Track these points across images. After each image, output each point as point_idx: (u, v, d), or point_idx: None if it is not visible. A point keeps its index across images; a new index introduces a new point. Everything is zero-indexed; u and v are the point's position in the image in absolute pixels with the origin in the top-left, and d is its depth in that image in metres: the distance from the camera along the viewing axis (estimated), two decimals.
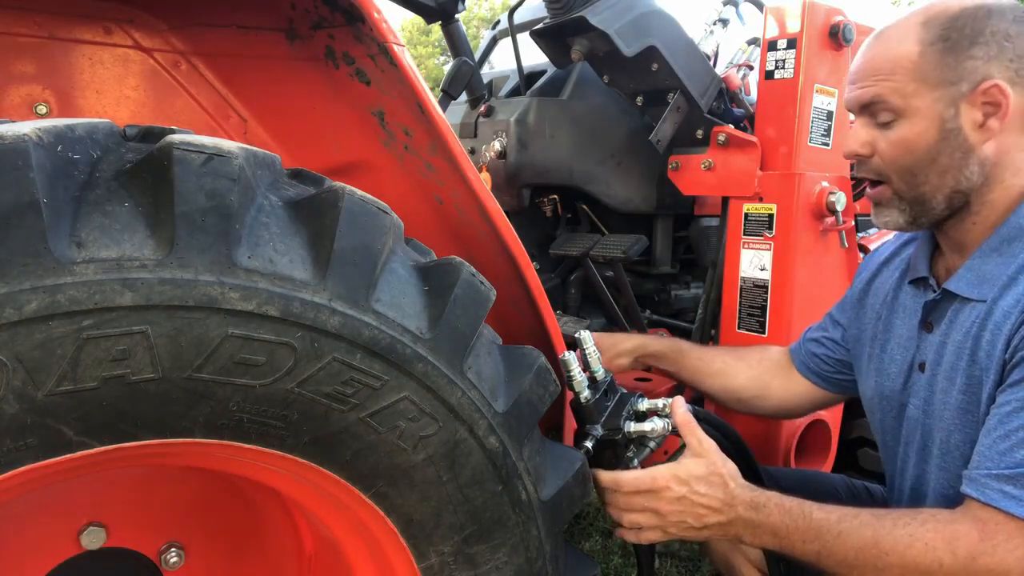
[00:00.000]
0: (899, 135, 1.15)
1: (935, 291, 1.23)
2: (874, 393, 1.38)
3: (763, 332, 1.80)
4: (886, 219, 1.21)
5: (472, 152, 2.13)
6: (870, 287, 1.44)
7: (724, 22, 2.07)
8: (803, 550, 1.11)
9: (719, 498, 1.15)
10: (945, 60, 1.11)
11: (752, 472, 1.46)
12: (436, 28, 2.01)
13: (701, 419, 1.47)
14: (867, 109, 1.17)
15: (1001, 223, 1.15)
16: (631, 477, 1.21)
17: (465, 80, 1.93)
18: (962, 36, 1.10)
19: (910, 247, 1.39)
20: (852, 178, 1.93)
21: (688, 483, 1.17)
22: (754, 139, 1.80)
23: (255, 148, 0.89)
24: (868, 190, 1.24)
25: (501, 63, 2.69)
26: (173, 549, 1.20)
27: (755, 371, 1.60)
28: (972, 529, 1.00)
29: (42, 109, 1.22)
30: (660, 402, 1.40)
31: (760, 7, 2.04)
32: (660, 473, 1.18)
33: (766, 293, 1.80)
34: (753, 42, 2.04)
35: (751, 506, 1.15)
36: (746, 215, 1.82)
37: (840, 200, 1.75)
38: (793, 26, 1.74)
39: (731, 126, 1.88)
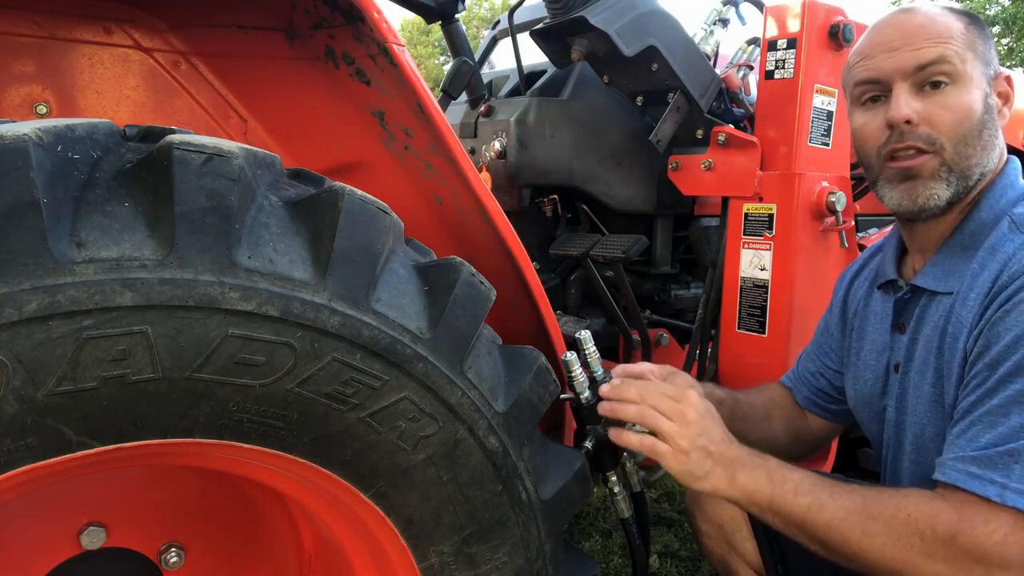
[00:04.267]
0: (958, 99, 1.10)
1: (903, 289, 1.25)
2: (854, 402, 1.40)
3: (763, 332, 1.80)
4: (929, 192, 1.12)
5: (472, 152, 2.13)
6: (846, 303, 1.45)
7: (724, 22, 2.07)
8: (794, 502, 1.09)
9: (726, 431, 1.16)
10: (981, 40, 1.14)
11: None
12: (436, 28, 2.01)
13: None
14: (923, 71, 1.11)
15: (964, 219, 1.16)
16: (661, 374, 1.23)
17: (465, 80, 1.93)
18: (982, 27, 1.15)
19: (878, 257, 1.40)
20: (852, 178, 1.92)
21: (709, 406, 1.17)
22: (754, 139, 1.80)
23: (255, 148, 0.89)
24: (904, 163, 1.14)
25: (501, 63, 2.69)
26: (173, 549, 1.20)
27: (787, 417, 1.56)
28: (951, 508, 1.00)
29: (42, 109, 1.22)
30: None
31: (760, 7, 2.03)
32: (686, 390, 1.18)
33: (766, 293, 1.79)
34: (753, 42, 2.04)
35: (750, 451, 1.16)
36: (746, 215, 1.82)
37: (840, 200, 1.75)
38: (793, 26, 1.74)
39: (731, 126, 1.88)
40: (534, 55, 2.12)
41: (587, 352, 1.34)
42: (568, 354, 1.28)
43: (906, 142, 1.12)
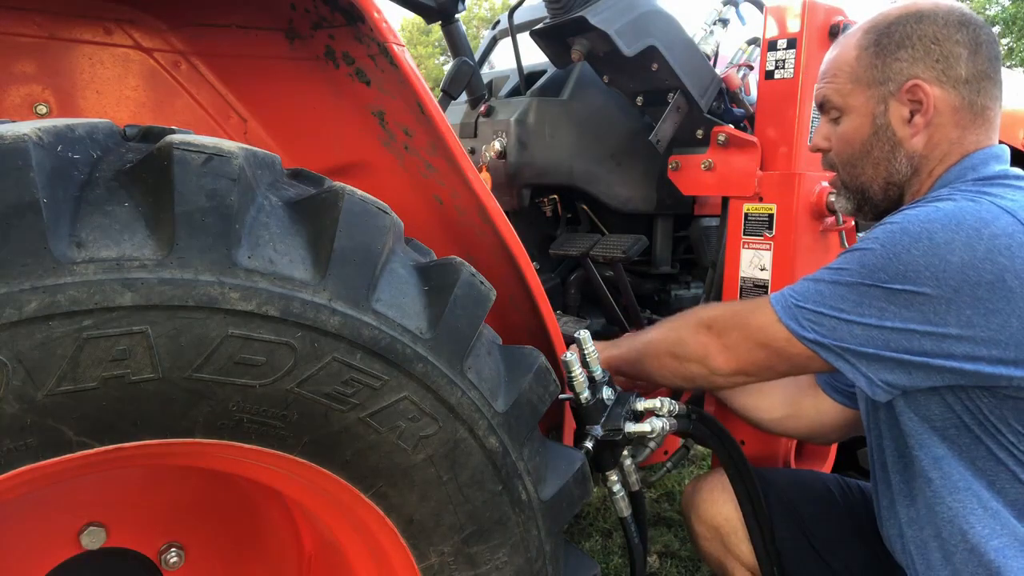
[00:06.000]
0: (842, 129, 1.29)
1: None
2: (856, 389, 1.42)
3: None
4: (840, 204, 1.38)
5: (472, 152, 2.13)
6: None
7: (724, 22, 2.06)
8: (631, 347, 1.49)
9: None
10: (874, 62, 1.23)
11: (744, 475, 1.47)
12: (436, 28, 2.01)
13: (697, 420, 1.47)
14: (822, 108, 1.34)
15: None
16: None
17: (465, 80, 1.93)
18: (891, 40, 1.22)
19: None
20: None
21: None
22: (754, 139, 1.80)
23: (255, 148, 0.89)
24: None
25: (501, 63, 2.69)
26: (173, 549, 1.20)
27: (788, 389, 1.59)
28: (757, 305, 1.27)
29: (42, 109, 1.22)
30: (658, 402, 1.40)
31: (760, 7, 2.03)
32: None
33: (766, 293, 1.79)
34: (753, 42, 2.04)
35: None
36: (746, 215, 1.82)
37: None
38: (793, 26, 1.74)
39: (731, 126, 1.88)
40: (534, 55, 2.12)
41: (587, 352, 1.34)
42: (568, 354, 1.28)
43: (823, 164, 1.39)
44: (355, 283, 0.89)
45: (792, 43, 1.74)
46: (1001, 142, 1.25)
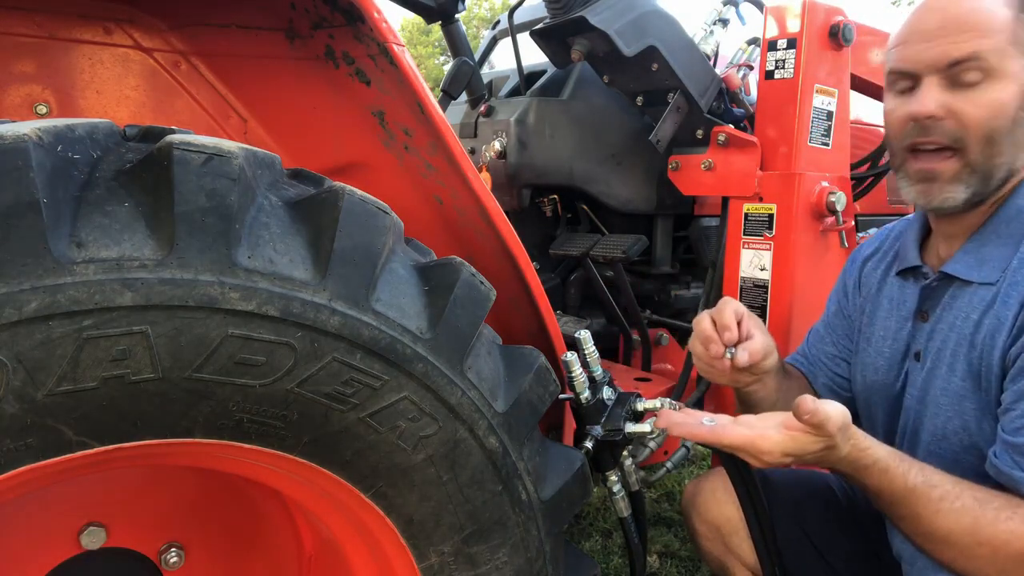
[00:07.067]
0: (990, 97, 1.07)
1: (928, 277, 1.22)
2: (861, 388, 1.37)
3: None
4: (945, 195, 1.12)
5: (472, 152, 2.13)
6: (859, 284, 1.43)
7: (724, 22, 2.06)
8: (890, 512, 1.08)
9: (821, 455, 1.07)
10: None
11: (744, 475, 1.46)
12: (436, 28, 2.01)
13: None
14: (953, 67, 1.09)
15: (1000, 207, 1.14)
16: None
17: (465, 80, 1.93)
18: None
19: (892, 240, 1.38)
20: (852, 178, 1.93)
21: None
22: (754, 139, 1.80)
23: (255, 148, 0.89)
24: (923, 165, 1.13)
25: (501, 63, 2.69)
26: (173, 549, 1.20)
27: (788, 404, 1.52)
28: None
29: (42, 109, 1.22)
30: (658, 402, 1.40)
31: (760, 7, 2.03)
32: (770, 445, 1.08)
33: (766, 293, 1.79)
34: (753, 42, 2.04)
35: (853, 466, 1.08)
36: (746, 215, 1.82)
37: (840, 200, 1.75)
38: (793, 26, 1.74)
39: (731, 126, 1.88)
40: (534, 55, 2.12)
41: (587, 352, 1.34)
42: (568, 354, 1.28)
43: (930, 136, 1.11)
44: (355, 283, 0.89)
45: (792, 43, 1.74)
46: None
